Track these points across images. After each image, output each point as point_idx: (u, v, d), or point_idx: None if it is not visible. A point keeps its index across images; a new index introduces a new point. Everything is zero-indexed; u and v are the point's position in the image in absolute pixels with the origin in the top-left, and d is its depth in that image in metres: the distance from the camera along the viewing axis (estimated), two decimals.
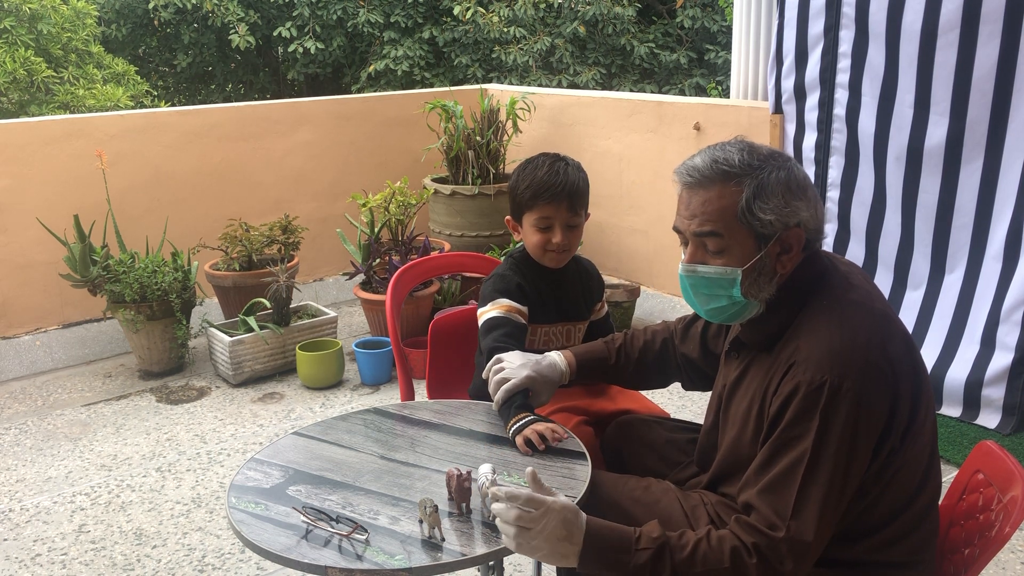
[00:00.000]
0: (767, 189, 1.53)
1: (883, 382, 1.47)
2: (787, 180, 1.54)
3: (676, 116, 4.57)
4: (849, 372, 1.45)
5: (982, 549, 1.56)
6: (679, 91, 10.07)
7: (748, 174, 1.54)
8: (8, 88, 7.57)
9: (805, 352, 1.50)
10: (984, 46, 3.09)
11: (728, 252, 1.56)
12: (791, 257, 1.57)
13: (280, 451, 1.87)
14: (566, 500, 1.50)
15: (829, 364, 1.46)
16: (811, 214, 1.55)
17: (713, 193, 1.55)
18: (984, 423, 3.24)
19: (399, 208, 4.51)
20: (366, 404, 3.88)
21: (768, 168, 1.54)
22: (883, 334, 1.52)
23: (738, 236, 1.55)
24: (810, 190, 1.57)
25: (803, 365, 1.49)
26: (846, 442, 1.45)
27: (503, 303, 2.13)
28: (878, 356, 1.48)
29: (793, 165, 1.58)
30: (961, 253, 3.33)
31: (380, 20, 9.74)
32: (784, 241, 1.55)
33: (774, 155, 1.58)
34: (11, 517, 3.06)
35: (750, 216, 1.53)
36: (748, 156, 1.56)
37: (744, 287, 1.57)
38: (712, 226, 1.56)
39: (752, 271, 1.56)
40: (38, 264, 4.38)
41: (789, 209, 1.53)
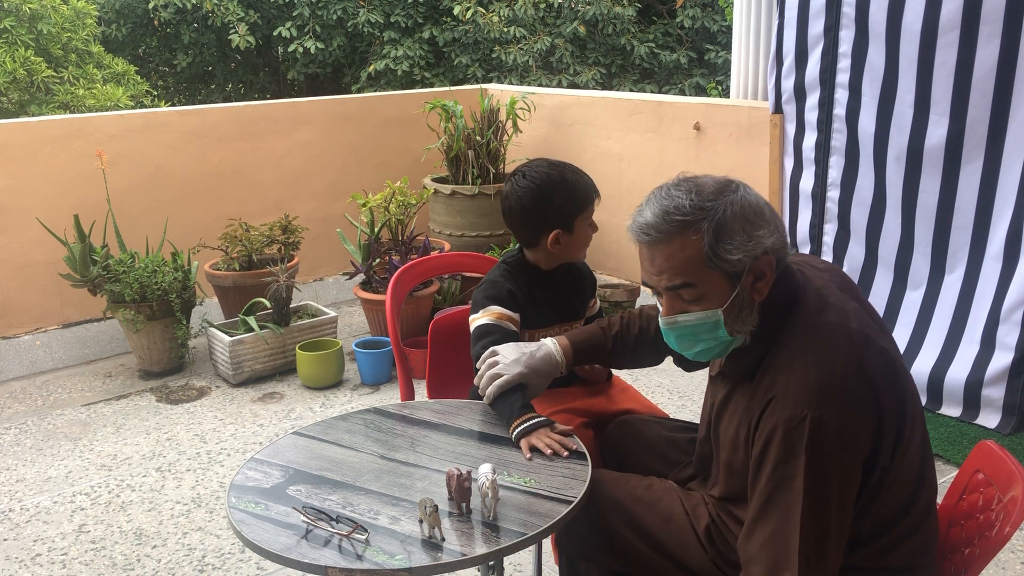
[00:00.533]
0: (726, 229, 1.50)
1: (864, 407, 1.45)
2: (742, 212, 1.51)
3: (676, 116, 4.57)
4: (829, 403, 1.43)
5: (982, 549, 1.56)
6: (679, 91, 10.08)
7: (703, 218, 1.51)
8: (8, 88, 7.57)
9: (782, 386, 1.48)
10: (984, 46, 3.09)
11: (705, 297, 1.55)
12: (766, 282, 1.55)
13: (280, 451, 1.87)
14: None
15: (807, 398, 1.44)
16: (774, 237, 1.53)
17: (675, 246, 1.52)
18: (984, 423, 3.24)
19: (399, 208, 4.51)
20: (366, 404, 3.88)
21: (720, 206, 1.51)
22: (859, 356, 1.49)
23: (711, 280, 1.53)
24: (767, 211, 1.54)
25: (781, 400, 1.47)
26: (836, 473, 1.44)
27: (494, 310, 2.11)
28: (856, 382, 1.46)
29: (743, 191, 1.54)
30: (961, 253, 3.33)
31: (380, 20, 9.74)
32: (755, 270, 1.53)
33: (722, 188, 1.54)
34: (11, 517, 3.06)
35: (717, 260, 1.51)
36: (697, 198, 1.52)
37: (728, 326, 1.56)
38: (683, 278, 1.54)
39: (732, 309, 1.55)
40: (38, 264, 4.38)
41: (753, 242, 1.50)
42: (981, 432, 3.21)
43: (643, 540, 1.74)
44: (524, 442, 1.83)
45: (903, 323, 3.51)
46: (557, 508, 1.62)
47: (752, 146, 4.12)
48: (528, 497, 1.65)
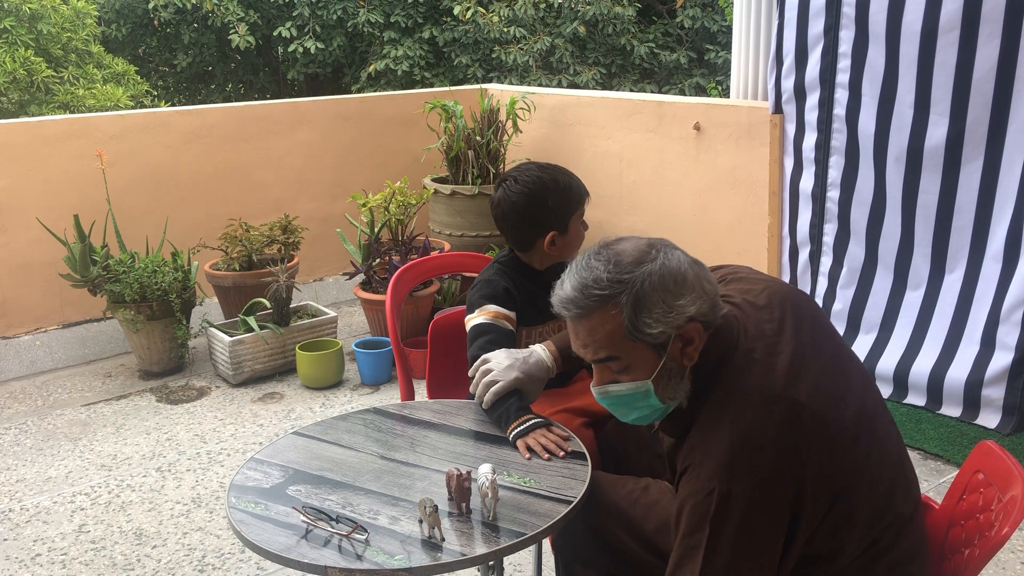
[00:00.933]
0: (644, 301, 1.46)
1: (778, 478, 1.42)
2: (661, 283, 1.47)
3: (676, 116, 4.57)
4: (737, 477, 1.41)
5: (982, 549, 1.55)
6: (679, 91, 10.08)
7: (621, 291, 1.47)
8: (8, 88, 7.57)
9: (698, 456, 1.47)
10: (984, 46, 3.09)
11: (632, 368, 1.52)
12: (695, 347, 1.51)
13: (280, 451, 1.87)
14: None
15: (717, 471, 1.42)
16: (699, 303, 1.48)
17: (595, 321, 1.50)
18: (984, 423, 3.24)
19: (399, 208, 4.51)
20: (366, 404, 3.88)
21: (638, 278, 1.47)
22: (778, 424, 1.44)
23: (635, 352, 1.51)
24: (690, 275, 1.49)
25: (695, 471, 1.46)
26: (742, 546, 1.42)
27: (489, 309, 2.12)
28: (770, 454, 1.42)
29: (663, 258, 1.50)
30: (961, 253, 3.33)
31: (380, 20, 9.74)
32: (683, 336, 1.49)
33: (640, 257, 1.50)
34: (11, 517, 3.06)
35: (638, 333, 1.48)
36: (615, 270, 1.49)
37: (659, 394, 1.54)
38: (607, 351, 1.52)
39: (661, 378, 1.52)
40: (38, 264, 4.38)
41: (674, 312, 1.47)
42: (981, 432, 3.21)
43: (640, 543, 1.74)
44: (521, 442, 1.83)
45: (903, 323, 3.51)
46: (557, 508, 1.62)
47: (752, 146, 4.12)
48: (528, 497, 1.66)
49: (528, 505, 1.63)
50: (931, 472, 3.21)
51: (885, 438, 1.57)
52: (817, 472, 1.44)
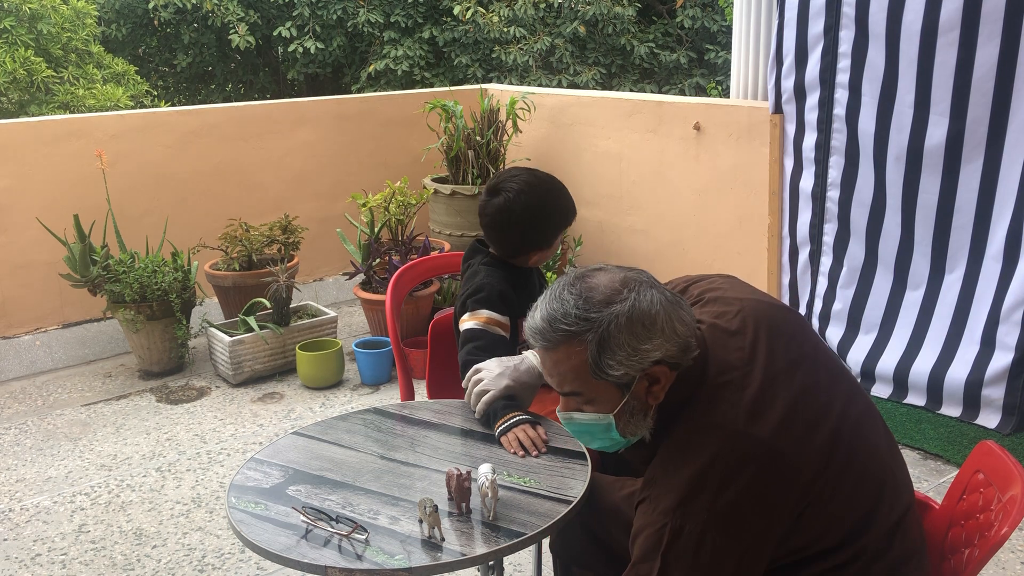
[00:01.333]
0: (609, 343, 1.45)
1: (735, 517, 1.41)
2: (628, 325, 1.45)
3: (676, 116, 4.57)
4: (691, 514, 1.40)
5: (982, 549, 1.55)
6: (679, 91, 10.08)
7: (588, 329, 1.46)
8: (8, 88, 7.57)
9: (656, 489, 1.46)
10: (984, 46, 3.09)
11: (595, 402, 1.53)
12: (661, 387, 1.50)
13: (280, 451, 1.87)
14: None
15: (671, 507, 1.42)
16: (666, 346, 1.46)
17: (561, 354, 1.50)
18: (984, 423, 3.24)
19: (399, 208, 4.51)
20: (366, 404, 3.88)
21: (606, 318, 1.46)
22: (738, 463, 1.42)
23: (599, 388, 1.50)
24: (660, 319, 1.46)
25: (651, 504, 1.45)
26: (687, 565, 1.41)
27: (482, 314, 2.12)
28: (729, 494, 1.40)
29: (635, 299, 1.47)
30: (961, 253, 3.33)
31: (380, 20, 9.74)
32: (649, 376, 1.48)
33: (612, 296, 1.48)
34: (11, 517, 3.06)
35: (601, 372, 1.48)
36: (584, 307, 1.47)
37: (620, 429, 1.54)
38: (570, 386, 1.52)
39: (623, 414, 1.52)
40: (38, 264, 4.38)
41: (639, 356, 1.45)
42: (981, 432, 3.21)
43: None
44: (504, 439, 1.84)
45: (903, 323, 3.51)
46: (557, 508, 1.62)
47: (752, 146, 4.12)
48: (528, 497, 1.66)
49: (528, 505, 1.63)
50: (931, 472, 3.21)
51: (869, 448, 1.55)
52: (776, 506, 1.43)
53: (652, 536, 1.43)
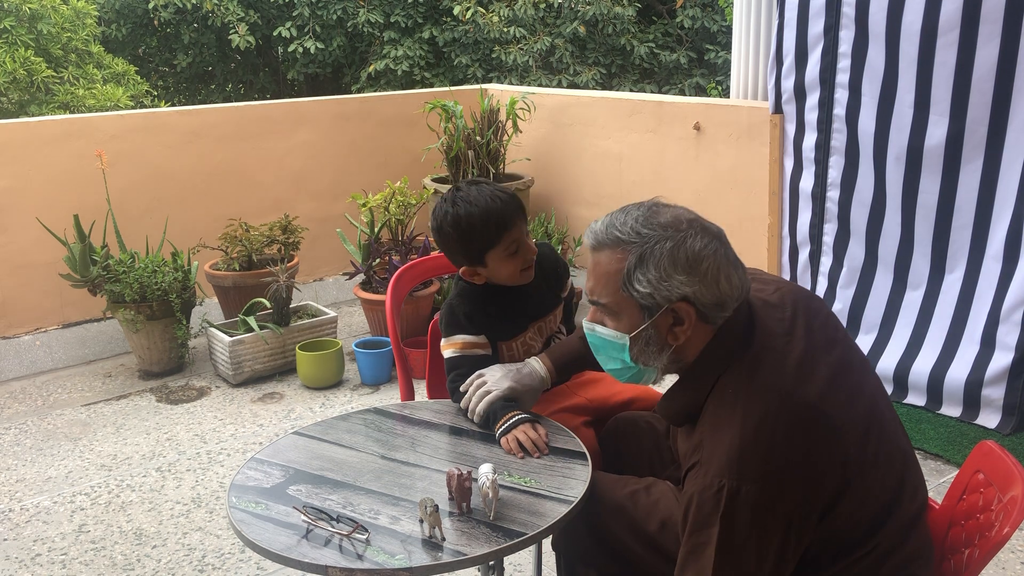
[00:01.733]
0: (648, 260, 1.49)
1: (788, 477, 1.42)
2: (673, 253, 1.49)
3: (676, 116, 4.57)
4: (748, 475, 1.40)
5: (982, 549, 1.55)
6: (679, 91, 10.08)
7: (635, 242, 1.51)
8: (8, 88, 7.57)
9: (708, 451, 1.46)
10: (984, 46, 3.09)
11: (618, 317, 1.56)
12: (683, 330, 1.52)
13: (280, 451, 1.87)
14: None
15: (727, 468, 1.42)
16: (698, 289, 1.49)
17: (604, 257, 1.55)
18: (984, 423, 3.24)
19: (399, 208, 4.51)
20: (366, 404, 3.88)
21: (656, 239, 1.50)
22: (788, 423, 1.44)
23: (624, 304, 1.54)
24: (704, 264, 1.49)
25: (704, 467, 1.46)
26: (753, 542, 1.42)
27: (456, 340, 2.07)
28: (780, 452, 1.42)
29: (692, 239, 1.50)
30: (961, 253, 3.33)
31: (380, 20, 9.75)
32: (675, 312, 1.51)
33: (672, 224, 1.52)
34: (11, 517, 3.06)
35: (629, 286, 1.51)
36: (642, 224, 1.52)
37: (633, 354, 1.56)
38: (601, 293, 1.56)
39: (639, 339, 1.54)
40: (38, 264, 4.38)
41: (668, 283, 1.48)
42: (981, 432, 3.21)
43: (641, 543, 1.74)
44: (504, 440, 1.84)
45: (903, 323, 3.51)
46: (557, 508, 1.62)
47: (752, 146, 4.12)
48: (528, 497, 1.66)
49: (528, 505, 1.63)
50: (931, 472, 3.21)
51: (894, 438, 1.57)
52: (825, 471, 1.44)
53: (709, 500, 1.43)
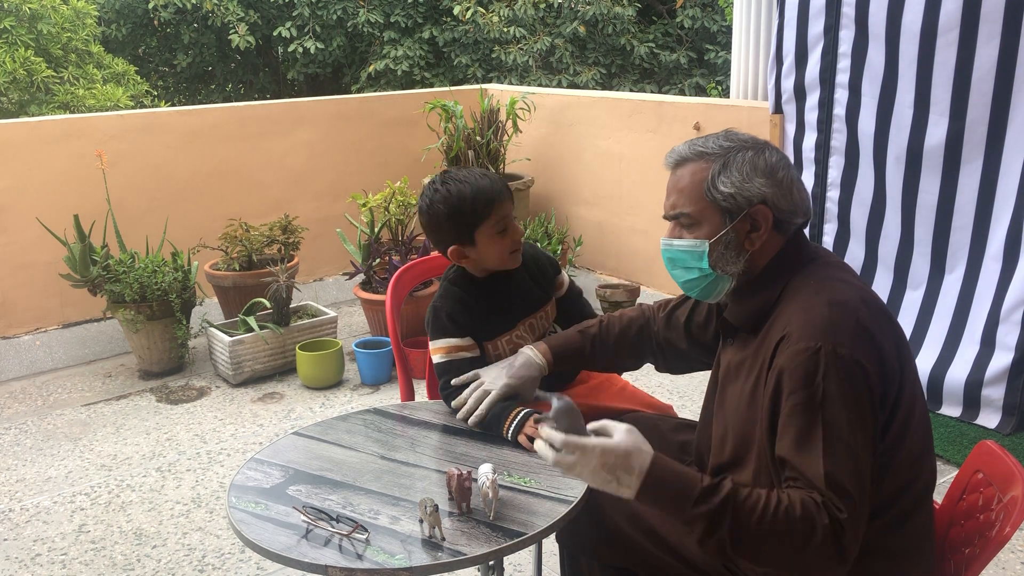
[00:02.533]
0: (731, 165, 1.62)
1: (873, 348, 1.50)
2: (753, 159, 1.62)
3: (676, 116, 4.57)
4: (842, 337, 1.48)
5: (982, 549, 1.56)
6: (679, 91, 10.08)
7: (719, 154, 1.64)
8: (8, 88, 7.57)
9: (797, 324, 1.53)
10: (984, 46, 3.09)
11: (698, 226, 1.66)
12: (760, 235, 1.63)
13: (280, 451, 1.87)
14: (611, 442, 1.48)
15: (822, 331, 1.49)
16: (775, 193, 1.61)
17: (687, 170, 1.67)
18: (984, 423, 3.24)
19: (399, 208, 4.51)
20: (366, 404, 3.88)
21: (738, 148, 1.64)
22: (866, 303, 1.55)
23: (706, 211, 1.64)
24: (780, 172, 1.62)
25: (796, 335, 1.51)
26: (851, 403, 1.46)
27: (441, 344, 2.07)
28: (866, 319, 1.51)
29: (768, 150, 1.64)
30: (961, 253, 3.33)
31: (380, 20, 9.75)
32: (752, 218, 1.62)
33: (750, 142, 1.66)
34: (11, 517, 3.06)
35: (713, 190, 1.62)
36: (724, 139, 1.66)
37: (712, 259, 1.65)
38: (683, 202, 1.67)
39: (719, 244, 1.64)
40: (38, 264, 4.38)
41: (750, 184, 1.60)
42: (981, 432, 3.21)
43: (644, 534, 1.74)
44: (521, 437, 1.84)
45: (903, 323, 3.52)
46: (557, 508, 1.62)
47: None
48: (528, 497, 1.66)
49: (528, 505, 1.63)
50: None
51: (922, 399, 1.63)
52: (892, 355, 1.52)
53: (807, 361, 1.47)
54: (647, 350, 2.06)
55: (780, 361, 1.52)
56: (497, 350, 2.11)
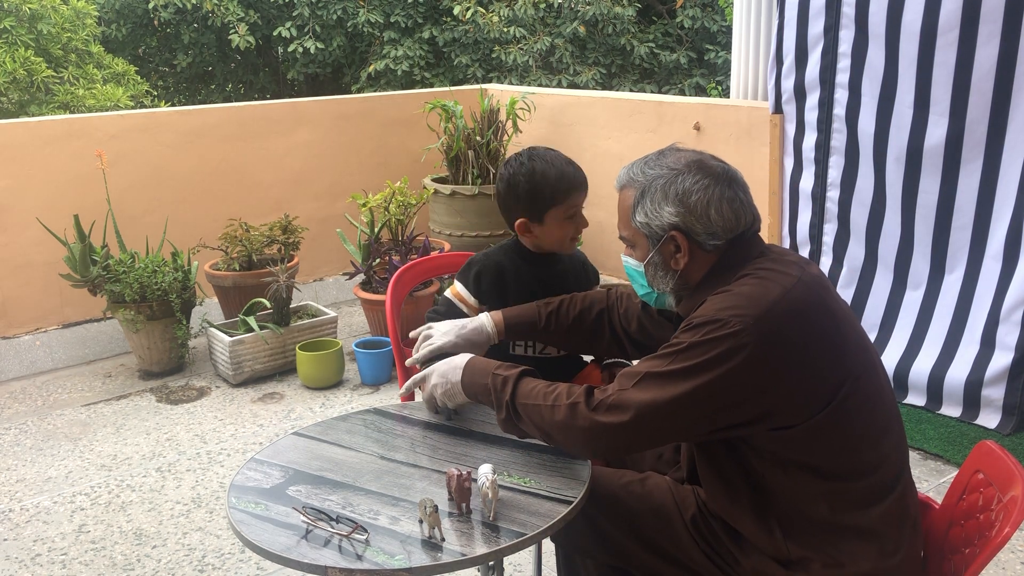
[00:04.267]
0: (647, 194, 1.70)
1: (781, 336, 1.53)
2: (665, 188, 1.68)
3: (676, 116, 4.57)
4: (742, 316, 1.52)
5: (982, 549, 1.55)
6: (679, 91, 10.08)
7: (641, 182, 1.71)
8: (8, 88, 7.57)
9: (708, 304, 1.61)
10: (984, 46, 3.09)
11: (634, 248, 1.77)
12: (681, 256, 1.70)
13: (280, 451, 1.87)
14: (442, 361, 1.87)
15: (722, 306, 1.56)
16: (687, 218, 1.66)
17: (622, 197, 1.76)
18: (984, 423, 3.24)
19: (399, 208, 4.51)
20: (366, 404, 3.88)
21: (654, 177, 1.70)
22: (793, 298, 1.57)
23: (636, 236, 1.74)
24: (694, 197, 1.66)
25: (704, 308, 1.60)
26: (709, 369, 1.52)
27: (456, 288, 2.23)
28: (782, 309, 1.54)
29: (681, 175, 1.68)
30: (961, 253, 3.33)
31: (380, 20, 9.75)
32: (673, 240, 1.69)
33: (671, 165, 1.70)
34: (11, 517, 3.06)
35: (633, 217, 1.72)
36: (652, 165, 1.72)
37: (648, 278, 1.76)
38: (621, 225, 1.78)
39: (649, 266, 1.74)
40: (38, 264, 4.38)
41: (659, 213, 1.68)
42: (981, 432, 3.21)
43: (636, 537, 1.75)
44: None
45: (903, 323, 3.52)
46: (557, 508, 1.62)
47: (752, 146, 4.12)
48: (528, 497, 1.66)
49: (528, 505, 1.63)
50: (931, 472, 3.21)
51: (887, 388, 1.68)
52: (816, 351, 1.56)
53: (696, 325, 1.57)
54: (602, 335, 2.11)
55: (683, 324, 1.61)
56: None
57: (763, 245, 1.72)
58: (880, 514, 1.60)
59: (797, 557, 1.61)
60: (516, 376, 1.75)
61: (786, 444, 1.58)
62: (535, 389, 1.70)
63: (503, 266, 2.22)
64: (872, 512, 1.60)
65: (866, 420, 1.61)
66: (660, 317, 2.02)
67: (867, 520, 1.59)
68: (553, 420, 1.65)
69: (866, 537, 1.59)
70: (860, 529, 1.59)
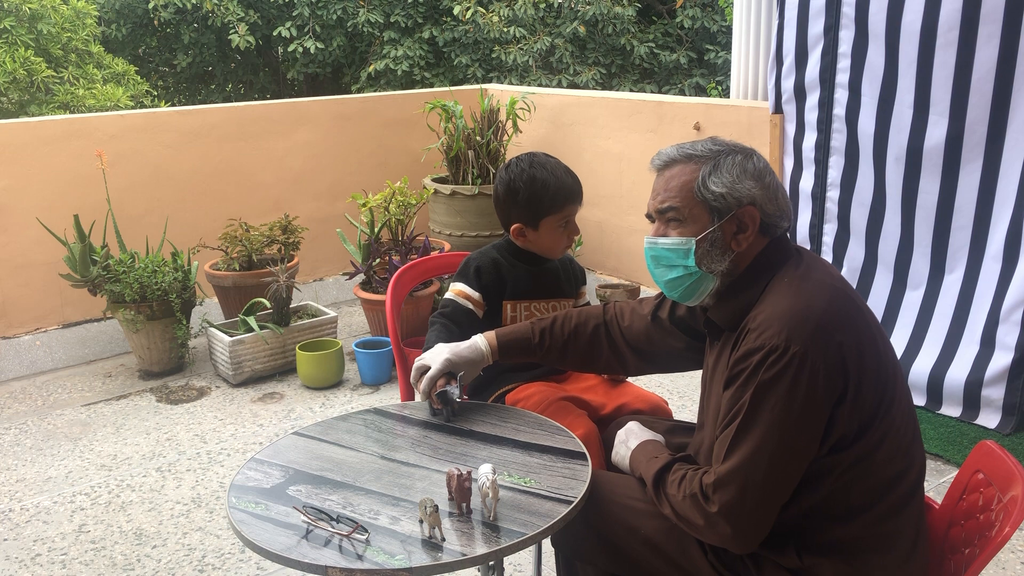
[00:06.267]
0: (722, 167, 1.66)
1: (836, 351, 1.51)
2: (743, 163, 1.67)
3: (676, 116, 4.57)
4: (797, 337, 1.50)
5: (982, 549, 1.55)
6: (679, 91, 10.08)
7: (708, 156, 1.68)
8: (8, 88, 7.57)
9: (760, 318, 1.57)
10: (984, 46, 3.09)
11: (685, 224, 1.68)
12: (746, 236, 1.66)
13: (280, 451, 1.87)
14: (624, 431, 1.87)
15: (778, 328, 1.52)
16: (764, 196, 1.65)
17: (676, 171, 1.70)
18: (984, 423, 3.24)
19: (399, 208, 4.51)
20: (366, 404, 3.88)
21: (727, 152, 1.68)
22: (840, 305, 1.57)
23: (695, 210, 1.67)
24: (768, 178, 1.67)
25: (756, 331, 1.56)
26: (784, 402, 1.50)
27: (456, 287, 2.27)
28: (832, 324, 1.52)
29: (755, 156, 1.70)
30: (961, 253, 3.33)
31: (380, 20, 9.75)
32: (739, 219, 1.65)
33: (737, 146, 1.70)
34: (11, 517, 3.06)
35: (704, 189, 1.66)
36: (712, 143, 1.70)
37: (698, 256, 1.67)
38: (672, 200, 1.69)
39: (705, 241, 1.67)
40: (38, 264, 4.38)
41: (740, 185, 1.64)
42: (981, 432, 3.22)
43: (641, 543, 1.73)
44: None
45: (903, 323, 3.52)
46: (557, 508, 1.62)
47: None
48: (528, 497, 1.66)
49: (528, 505, 1.63)
50: (931, 472, 3.21)
51: (907, 399, 1.66)
52: (869, 358, 1.54)
53: (754, 354, 1.53)
54: (600, 349, 2.05)
55: (738, 354, 1.57)
56: (514, 311, 2.26)
57: (795, 246, 1.73)
58: (899, 524, 1.59)
59: (812, 568, 1.60)
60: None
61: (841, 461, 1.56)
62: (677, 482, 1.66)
63: (499, 262, 2.28)
64: (892, 522, 1.59)
65: (904, 424, 1.60)
66: (671, 325, 1.97)
67: (886, 530, 1.58)
68: (692, 528, 1.62)
69: (884, 548, 1.58)
70: (878, 538, 1.58)
